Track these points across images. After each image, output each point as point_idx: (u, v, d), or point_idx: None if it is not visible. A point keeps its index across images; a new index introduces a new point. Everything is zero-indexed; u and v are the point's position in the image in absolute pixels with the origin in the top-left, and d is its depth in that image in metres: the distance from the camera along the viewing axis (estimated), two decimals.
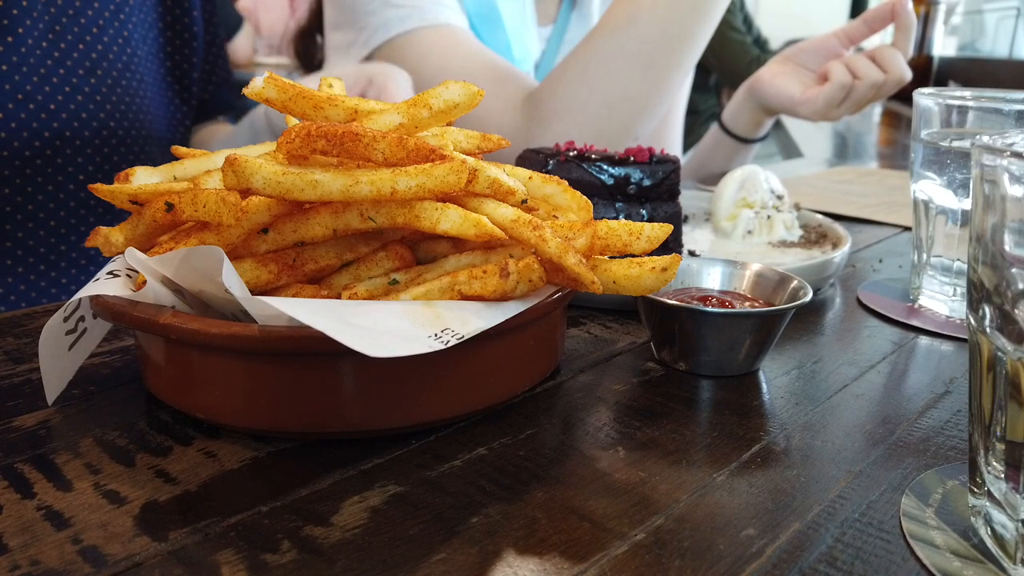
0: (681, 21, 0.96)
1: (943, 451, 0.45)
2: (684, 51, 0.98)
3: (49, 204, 0.89)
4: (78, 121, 0.89)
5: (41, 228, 0.90)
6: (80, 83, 0.89)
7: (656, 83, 0.99)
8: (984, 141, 0.35)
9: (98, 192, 0.49)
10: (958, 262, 0.67)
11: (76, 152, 0.90)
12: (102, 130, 0.92)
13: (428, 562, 0.35)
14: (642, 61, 0.97)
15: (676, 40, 0.97)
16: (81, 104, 0.90)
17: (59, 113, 0.88)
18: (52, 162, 0.88)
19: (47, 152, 0.87)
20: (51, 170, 0.89)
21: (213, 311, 0.45)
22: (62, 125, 0.88)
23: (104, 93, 0.92)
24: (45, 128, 0.86)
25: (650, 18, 0.96)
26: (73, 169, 0.90)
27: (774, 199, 0.86)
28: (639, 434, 0.46)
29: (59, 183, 0.90)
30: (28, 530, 0.36)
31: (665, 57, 0.97)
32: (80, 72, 0.89)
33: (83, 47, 0.89)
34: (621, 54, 0.97)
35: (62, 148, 0.89)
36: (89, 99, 0.90)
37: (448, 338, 0.40)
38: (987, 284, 0.34)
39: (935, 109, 0.67)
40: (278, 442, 0.44)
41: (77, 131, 0.90)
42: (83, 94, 0.90)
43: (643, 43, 0.96)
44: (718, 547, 0.36)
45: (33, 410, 0.48)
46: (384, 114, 0.48)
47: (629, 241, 0.47)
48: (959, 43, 3.47)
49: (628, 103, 0.99)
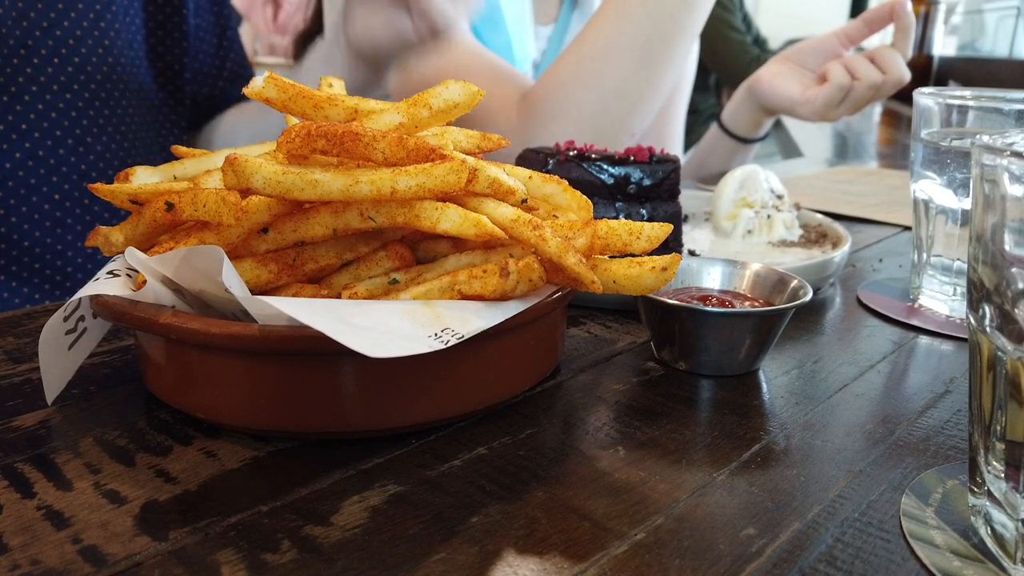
0: (671, 14, 0.97)
1: (943, 451, 0.45)
2: (675, 44, 0.99)
3: (33, 215, 0.90)
4: (60, 129, 0.90)
5: (37, 230, 0.90)
6: (62, 88, 0.89)
7: (649, 77, 0.99)
8: (984, 141, 0.35)
9: (98, 192, 0.49)
10: (958, 262, 0.67)
11: (60, 161, 0.90)
12: (86, 137, 0.92)
13: (428, 562, 0.35)
14: (634, 56, 0.98)
15: (666, 33, 0.98)
16: (63, 111, 0.90)
17: (41, 121, 0.88)
18: (39, 168, 0.89)
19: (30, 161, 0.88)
20: (35, 178, 0.89)
21: (213, 311, 0.45)
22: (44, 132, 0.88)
23: (86, 99, 0.92)
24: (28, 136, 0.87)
25: (639, 12, 0.97)
26: (57, 178, 0.90)
27: (774, 199, 0.86)
28: (639, 434, 0.46)
29: (44, 192, 0.90)
30: (28, 530, 0.36)
31: (656, 51, 0.98)
32: (62, 79, 0.89)
33: (65, 52, 0.89)
34: (613, 50, 0.98)
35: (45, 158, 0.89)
36: (71, 106, 0.90)
37: (448, 338, 0.40)
38: (987, 284, 0.34)
39: (935, 109, 0.67)
40: (278, 442, 0.44)
41: (60, 140, 0.90)
42: (64, 101, 0.90)
43: (634, 38, 0.97)
44: (718, 547, 0.36)
45: (33, 410, 0.48)
46: (384, 114, 0.49)
47: (629, 241, 0.47)
48: (959, 43, 3.47)
49: (623, 99, 0.99)
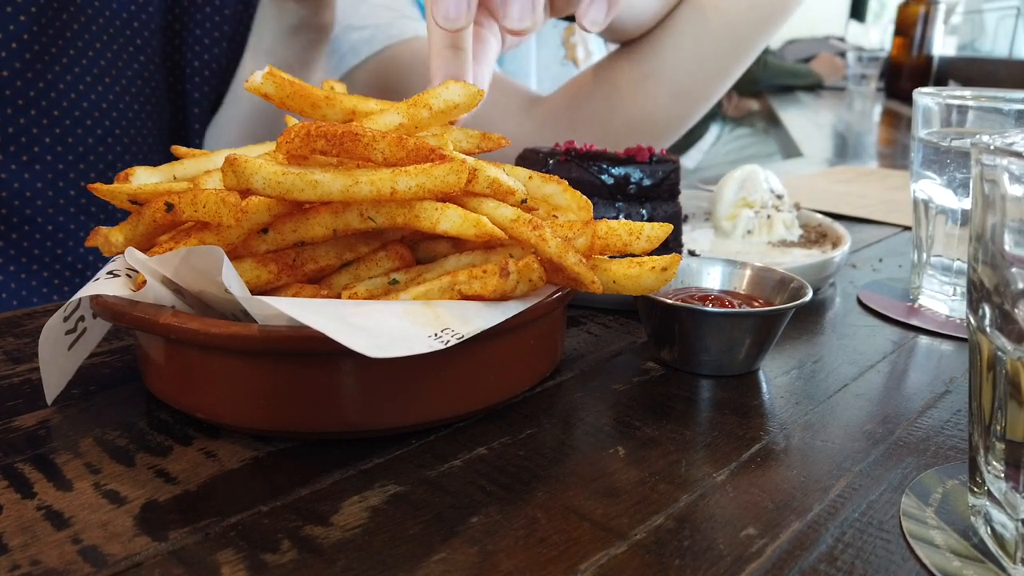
0: (720, 55, 0.94)
1: (943, 451, 0.45)
2: (717, 85, 0.97)
3: (48, 208, 0.90)
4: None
5: (37, 231, 0.90)
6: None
7: (682, 112, 0.98)
8: (984, 141, 0.35)
9: (97, 192, 0.49)
10: (958, 262, 0.67)
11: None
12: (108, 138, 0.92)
13: (428, 562, 0.35)
14: (673, 89, 0.96)
15: (711, 73, 0.95)
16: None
17: None
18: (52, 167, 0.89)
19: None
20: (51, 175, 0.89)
21: (213, 311, 0.45)
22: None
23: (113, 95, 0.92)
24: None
25: (690, 47, 0.94)
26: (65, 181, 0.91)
27: (774, 199, 0.86)
28: (639, 434, 0.46)
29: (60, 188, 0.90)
30: (28, 530, 0.36)
31: (697, 88, 0.96)
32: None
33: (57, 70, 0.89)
34: (653, 78, 0.96)
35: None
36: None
37: (448, 338, 0.40)
38: (987, 284, 0.34)
39: (935, 109, 0.67)
40: (278, 442, 0.44)
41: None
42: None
43: (677, 71, 0.95)
44: (718, 547, 0.36)
45: (33, 410, 0.48)
46: (384, 114, 0.49)
47: (629, 241, 0.47)
48: (959, 43, 3.47)
49: (650, 126, 0.98)
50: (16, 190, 0.87)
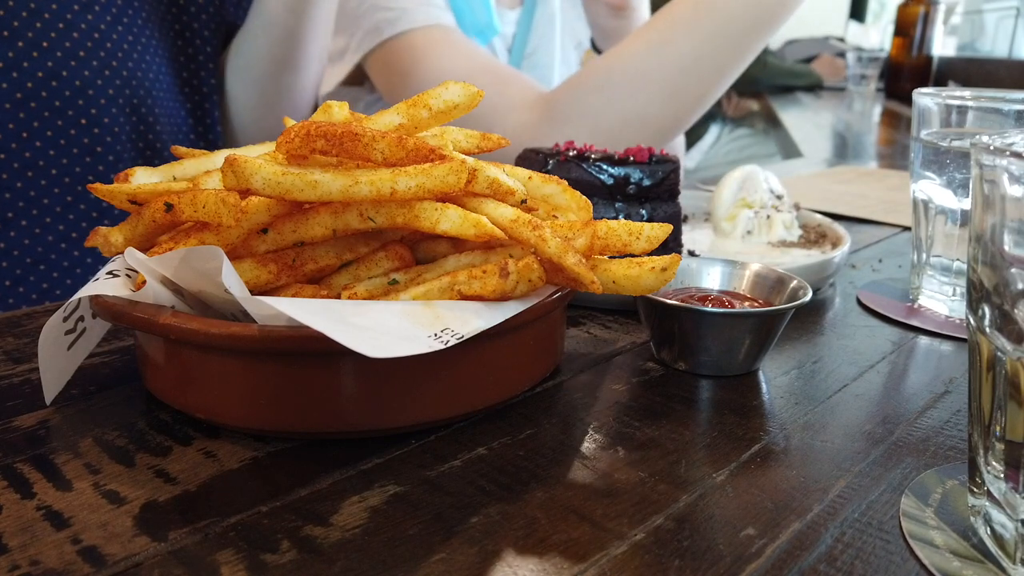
0: (716, 55, 0.93)
1: (943, 451, 0.45)
2: (712, 85, 0.96)
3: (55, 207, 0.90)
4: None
5: (38, 228, 0.90)
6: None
7: (676, 111, 0.97)
8: (984, 141, 0.35)
9: (97, 192, 0.49)
10: (958, 262, 0.67)
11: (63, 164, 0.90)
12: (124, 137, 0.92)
13: (428, 562, 0.35)
14: (667, 88, 0.95)
15: (706, 73, 0.94)
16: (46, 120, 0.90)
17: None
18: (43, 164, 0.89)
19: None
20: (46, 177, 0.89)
21: (213, 311, 0.45)
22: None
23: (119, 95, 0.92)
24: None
25: (685, 45, 0.93)
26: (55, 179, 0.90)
27: (774, 199, 0.86)
28: (639, 434, 0.46)
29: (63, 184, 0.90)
30: (28, 530, 0.36)
31: (691, 88, 0.95)
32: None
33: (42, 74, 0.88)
34: (647, 75, 0.95)
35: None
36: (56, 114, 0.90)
37: (448, 338, 0.40)
38: (987, 284, 0.35)
39: (935, 109, 0.67)
40: (278, 442, 0.44)
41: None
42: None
43: (672, 69, 0.94)
44: (718, 547, 0.36)
45: (33, 410, 0.48)
46: (383, 114, 0.49)
47: (629, 241, 0.47)
48: (959, 43, 3.47)
49: (643, 124, 0.97)
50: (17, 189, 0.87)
